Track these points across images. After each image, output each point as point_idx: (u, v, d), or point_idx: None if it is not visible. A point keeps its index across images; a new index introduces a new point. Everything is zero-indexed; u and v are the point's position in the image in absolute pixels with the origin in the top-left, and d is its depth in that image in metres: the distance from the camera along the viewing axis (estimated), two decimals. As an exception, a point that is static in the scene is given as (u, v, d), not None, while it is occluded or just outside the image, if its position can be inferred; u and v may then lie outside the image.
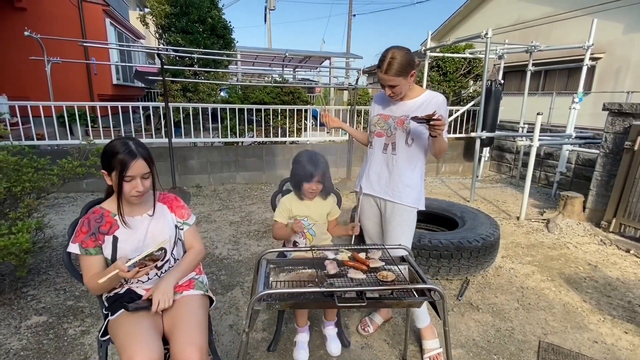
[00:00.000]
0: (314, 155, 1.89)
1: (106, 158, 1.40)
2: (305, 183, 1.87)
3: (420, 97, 1.86)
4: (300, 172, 1.87)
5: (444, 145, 1.81)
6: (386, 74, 1.69)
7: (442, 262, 2.86)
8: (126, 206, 1.50)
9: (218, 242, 3.57)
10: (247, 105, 5.94)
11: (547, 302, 2.66)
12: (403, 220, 1.90)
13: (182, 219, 1.68)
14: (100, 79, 9.13)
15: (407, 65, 1.69)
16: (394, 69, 1.67)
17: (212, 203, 4.84)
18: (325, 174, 1.88)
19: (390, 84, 1.73)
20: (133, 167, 1.38)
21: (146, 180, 1.45)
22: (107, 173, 1.42)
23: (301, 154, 1.91)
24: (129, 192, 1.41)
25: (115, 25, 9.92)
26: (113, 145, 1.41)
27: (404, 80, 1.73)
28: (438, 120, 1.61)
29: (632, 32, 8.51)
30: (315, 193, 1.92)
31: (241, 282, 2.82)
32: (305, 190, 1.90)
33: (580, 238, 3.86)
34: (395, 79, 1.70)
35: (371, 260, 1.47)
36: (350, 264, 1.43)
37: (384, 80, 1.73)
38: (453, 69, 7.40)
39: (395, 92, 1.76)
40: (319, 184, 1.88)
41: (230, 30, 8.89)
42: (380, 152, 1.92)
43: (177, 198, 1.72)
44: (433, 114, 1.63)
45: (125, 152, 1.38)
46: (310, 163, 1.85)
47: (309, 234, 1.97)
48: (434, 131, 1.65)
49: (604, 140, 4.09)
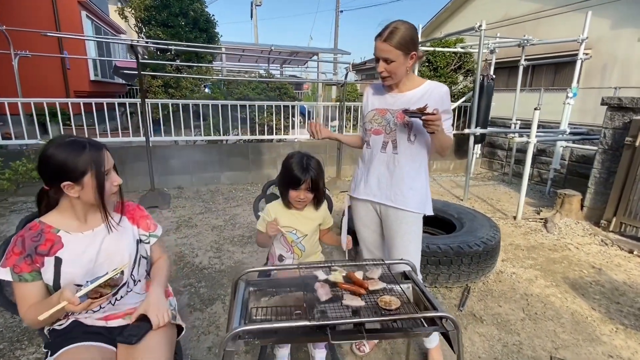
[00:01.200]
0: (306, 157, 1.63)
1: (67, 165, 1.12)
2: (291, 190, 1.62)
3: (421, 87, 1.63)
4: (287, 176, 1.62)
5: (446, 141, 1.60)
6: (385, 42, 1.47)
7: (441, 269, 2.64)
8: (71, 218, 1.23)
9: (199, 249, 3.29)
10: (231, 102, 5.65)
11: (554, 311, 2.47)
12: (409, 229, 1.67)
13: (147, 231, 1.42)
14: (76, 74, 8.66)
15: (409, 41, 1.48)
16: (396, 39, 1.46)
17: (194, 205, 4.55)
18: (318, 181, 1.62)
19: (386, 57, 1.50)
20: (107, 158, 1.20)
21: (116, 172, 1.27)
22: (72, 183, 1.14)
23: (292, 155, 1.65)
24: (110, 189, 1.22)
25: (92, 18, 9.44)
26: (66, 147, 1.14)
27: (402, 58, 1.50)
28: (432, 114, 1.39)
29: (619, 28, 8.49)
30: (304, 203, 1.66)
31: (223, 295, 2.56)
32: (291, 199, 1.65)
33: (581, 238, 3.70)
34: (393, 50, 1.48)
35: (370, 281, 1.24)
36: (345, 287, 1.19)
37: (381, 51, 1.51)
38: (444, 64, 7.23)
39: (389, 69, 1.53)
40: (309, 192, 1.63)
41: (214, 23, 8.56)
42: (379, 152, 1.68)
43: (140, 207, 1.45)
44: (425, 107, 1.42)
45: (90, 148, 1.16)
46: (299, 166, 1.59)
47: (297, 249, 1.72)
48: (429, 127, 1.43)
49: (603, 136, 3.95)
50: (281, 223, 1.71)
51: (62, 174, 1.13)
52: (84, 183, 1.15)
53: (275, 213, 1.73)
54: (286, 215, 1.71)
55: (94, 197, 1.19)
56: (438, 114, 1.41)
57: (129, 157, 5.03)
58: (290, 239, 1.71)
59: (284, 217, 1.71)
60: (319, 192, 1.68)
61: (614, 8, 8.26)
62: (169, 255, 1.52)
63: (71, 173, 1.13)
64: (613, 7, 8.24)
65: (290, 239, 1.71)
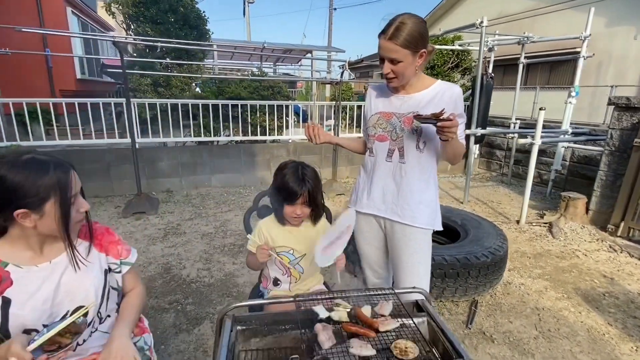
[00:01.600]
0: (301, 167, 1.42)
1: (23, 189, 0.91)
2: (286, 205, 1.42)
3: (431, 88, 1.44)
4: (281, 190, 1.42)
5: (459, 149, 1.41)
6: (390, 41, 1.27)
7: (447, 282, 2.46)
8: (23, 249, 1.02)
9: (187, 260, 3.08)
10: (222, 101, 5.41)
11: (568, 327, 2.31)
12: (418, 247, 1.49)
13: (118, 259, 1.21)
14: (61, 73, 8.33)
15: (418, 38, 1.28)
16: (402, 37, 1.26)
17: (183, 211, 4.33)
18: (316, 194, 1.42)
19: (392, 57, 1.31)
20: (74, 180, 1.00)
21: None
22: (28, 211, 0.93)
23: (285, 165, 1.44)
24: (76, 217, 1.02)
25: (79, 14, 9.10)
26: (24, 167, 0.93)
27: (411, 58, 1.31)
28: (448, 120, 1.20)
29: (615, 25, 8.42)
30: (300, 218, 1.46)
31: (212, 314, 2.35)
32: (287, 215, 1.45)
33: (588, 244, 3.55)
34: (400, 50, 1.28)
35: (380, 320, 1.04)
36: (352, 329, 1.00)
37: (386, 50, 1.31)
38: (441, 62, 7.06)
39: (396, 71, 1.34)
40: (306, 207, 1.43)
41: (205, 20, 8.29)
42: (384, 161, 1.49)
43: (109, 230, 1.24)
44: (441, 112, 1.23)
45: (54, 169, 0.95)
46: (294, 178, 1.39)
47: (295, 271, 1.52)
48: (444, 134, 1.25)
49: (610, 137, 3.80)
50: (276, 242, 1.52)
51: (15, 199, 0.91)
52: (44, 211, 0.94)
53: (268, 231, 1.53)
54: (281, 233, 1.51)
55: (55, 227, 0.98)
56: (455, 120, 1.22)
57: (114, 159, 4.79)
58: (286, 260, 1.51)
59: (279, 235, 1.51)
60: (317, 206, 1.48)
61: (609, 5, 8.17)
62: (144, 286, 1.31)
63: (28, 199, 0.92)
64: (609, 5, 8.15)
65: (287, 260, 1.51)
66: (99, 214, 4.12)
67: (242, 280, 2.73)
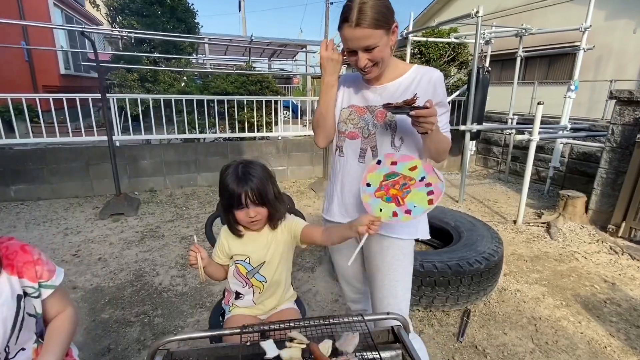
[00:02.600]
0: (242, 165, 1.22)
1: None
2: (236, 211, 1.23)
3: (407, 74, 1.23)
4: (225, 196, 1.23)
5: (442, 144, 1.20)
6: (358, 27, 1.06)
7: (437, 291, 2.28)
8: None
9: (161, 266, 2.88)
10: (207, 96, 5.20)
11: (567, 339, 2.13)
12: (396, 262, 1.28)
13: (35, 282, 1.01)
14: (43, 68, 8.05)
15: (386, 12, 1.08)
16: (369, 17, 1.05)
17: (165, 212, 4.12)
18: (265, 190, 1.21)
19: (365, 44, 1.09)
20: None
21: None
22: None
23: (226, 168, 1.24)
24: None
25: (62, 6, 8.81)
26: None
27: (386, 37, 1.11)
28: (424, 108, 1.00)
29: (614, 19, 8.23)
30: (259, 222, 1.26)
31: (181, 327, 2.16)
32: (242, 222, 1.26)
33: (588, 245, 3.37)
34: (373, 32, 1.07)
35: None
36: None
37: (357, 40, 1.09)
38: (437, 56, 6.85)
39: (374, 57, 1.12)
40: (259, 206, 1.22)
41: (193, 13, 8.07)
42: (356, 162, 1.29)
43: (25, 248, 1.03)
44: (414, 98, 1.02)
45: None
46: (234, 178, 1.19)
47: (256, 281, 1.33)
48: (420, 125, 1.05)
49: (611, 133, 3.61)
50: (232, 250, 1.33)
51: None
52: None
53: (226, 239, 1.34)
54: (238, 240, 1.32)
55: None
56: (432, 108, 1.01)
57: (93, 158, 4.57)
58: (243, 271, 1.32)
59: (236, 243, 1.33)
60: (270, 204, 1.26)
61: (608, -1, 7.98)
62: (75, 309, 1.12)
63: None
64: (609, -3, 7.95)
65: (244, 270, 1.32)
66: (75, 216, 3.91)
67: (218, 289, 2.53)
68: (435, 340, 2.09)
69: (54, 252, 3.05)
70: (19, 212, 3.98)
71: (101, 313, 2.28)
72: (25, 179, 4.37)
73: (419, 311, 2.33)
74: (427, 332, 2.17)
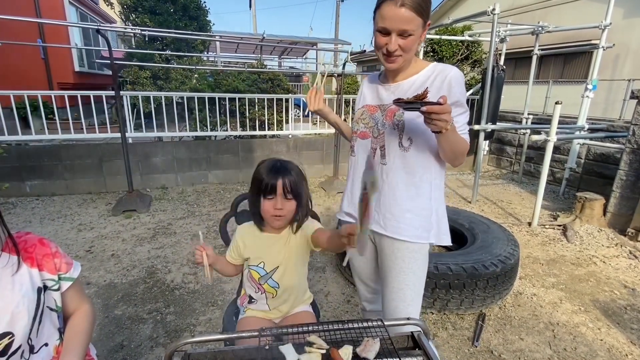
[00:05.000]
0: (280, 161, 1.22)
1: None
2: (264, 200, 1.20)
3: (423, 72, 1.19)
4: (257, 182, 1.20)
5: (459, 145, 1.12)
6: (403, 7, 1.02)
7: (452, 294, 2.24)
8: None
9: (173, 263, 2.89)
10: (219, 94, 5.20)
11: (586, 346, 2.07)
12: (406, 265, 1.24)
13: (55, 274, 1.01)
14: (59, 65, 8.17)
15: (429, 3, 1.07)
16: (415, 1, 1.03)
17: (176, 209, 4.14)
18: (299, 188, 1.20)
19: (404, 27, 1.05)
20: None
21: None
22: None
23: (262, 161, 1.25)
24: None
25: (77, 5, 8.92)
26: None
27: (420, 29, 1.08)
28: (437, 104, 0.95)
29: (633, 16, 8.02)
30: (283, 218, 1.22)
31: (193, 325, 2.16)
32: (266, 213, 1.22)
33: (606, 250, 3.29)
34: (414, 17, 1.04)
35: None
36: (324, 381, 0.78)
37: (397, 21, 1.04)
38: (450, 54, 6.75)
39: (406, 45, 1.08)
40: (288, 200, 1.19)
41: (205, 11, 8.09)
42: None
43: (42, 241, 1.03)
44: (425, 92, 0.98)
45: None
46: (270, 168, 1.18)
47: (269, 287, 1.31)
48: (432, 123, 0.98)
49: (632, 134, 3.51)
50: (247, 253, 1.31)
51: None
52: None
53: (242, 239, 1.33)
54: (255, 242, 1.30)
55: None
56: (446, 104, 0.96)
57: (106, 154, 4.62)
58: (256, 276, 1.30)
59: (252, 245, 1.31)
60: (301, 202, 1.23)
61: (629, -5, 7.77)
62: (92, 305, 1.12)
63: None
64: (628, -6, 7.75)
65: (257, 275, 1.30)
66: (89, 212, 3.95)
67: (229, 287, 2.53)
68: (449, 344, 2.05)
69: (68, 248, 3.08)
70: (34, 208, 4.04)
71: (114, 309, 2.29)
72: (40, 174, 4.43)
73: (432, 314, 2.30)
74: (441, 335, 2.13)
